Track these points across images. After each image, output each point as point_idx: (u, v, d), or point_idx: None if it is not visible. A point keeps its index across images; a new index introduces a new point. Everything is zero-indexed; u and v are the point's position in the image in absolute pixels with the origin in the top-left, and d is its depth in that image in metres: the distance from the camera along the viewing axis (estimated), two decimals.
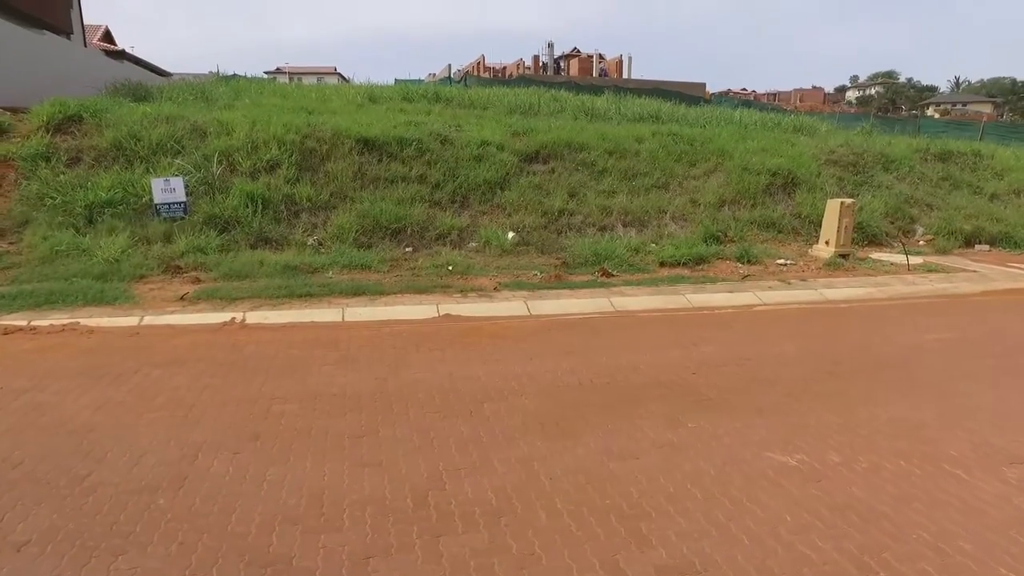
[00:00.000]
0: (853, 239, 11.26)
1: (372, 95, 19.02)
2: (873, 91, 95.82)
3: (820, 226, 11.71)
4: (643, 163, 13.51)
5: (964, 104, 77.19)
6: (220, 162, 10.14)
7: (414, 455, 3.76)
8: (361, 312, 6.84)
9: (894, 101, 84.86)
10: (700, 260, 10.37)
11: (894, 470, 3.75)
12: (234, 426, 4.07)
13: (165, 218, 9.24)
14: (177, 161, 9.93)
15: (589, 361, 5.59)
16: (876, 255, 11.48)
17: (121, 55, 26.85)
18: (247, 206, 9.64)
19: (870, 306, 8.24)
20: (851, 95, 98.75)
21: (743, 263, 10.48)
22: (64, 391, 4.59)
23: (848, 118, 30.32)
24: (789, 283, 9.21)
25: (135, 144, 10.27)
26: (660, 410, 4.53)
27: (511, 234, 10.65)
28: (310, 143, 11.42)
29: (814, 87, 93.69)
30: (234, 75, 23.64)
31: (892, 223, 13.38)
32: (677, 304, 7.97)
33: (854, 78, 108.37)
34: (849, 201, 10.98)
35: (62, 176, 9.58)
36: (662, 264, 10.11)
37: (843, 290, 8.92)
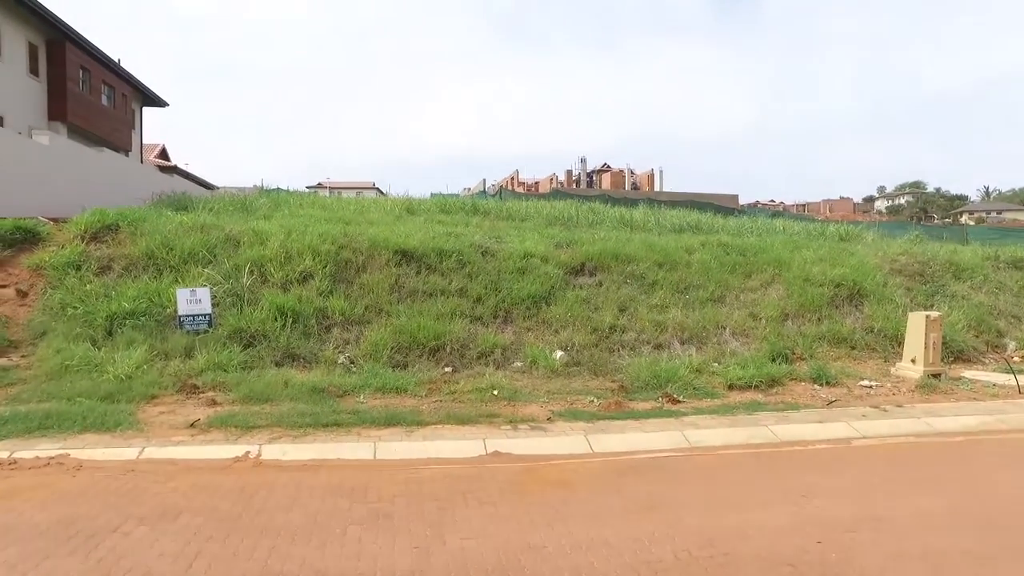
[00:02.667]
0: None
1: (410, 207, 19.00)
2: (903, 200, 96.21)
3: (896, 341, 10.59)
4: (695, 275, 12.69)
5: (999, 212, 76.62)
6: (251, 272, 9.61)
7: None
8: (396, 448, 5.81)
9: (925, 210, 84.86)
10: (772, 382, 9.22)
11: None
12: None
13: (188, 331, 8.57)
14: (206, 271, 9.43)
15: (679, 522, 4.41)
16: (969, 374, 10.17)
17: (173, 170, 28.03)
18: (276, 319, 8.95)
19: (995, 441, 6.92)
20: (880, 204, 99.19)
21: (821, 385, 9.30)
22: (7, 566, 3.57)
23: (890, 226, 29.63)
24: (884, 410, 7.96)
25: (167, 253, 9.86)
26: None
27: (559, 353, 9.70)
28: (346, 254, 10.93)
29: (841, 197, 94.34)
30: (276, 189, 24.22)
31: (977, 336, 12.10)
32: (762, 438, 6.77)
33: (881, 188, 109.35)
34: (935, 314, 9.87)
35: (88, 285, 9.11)
36: (731, 387, 8.98)
37: (951, 419, 7.62)
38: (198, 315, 8.54)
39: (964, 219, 71.83)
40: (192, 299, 8.50)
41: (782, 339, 10.87)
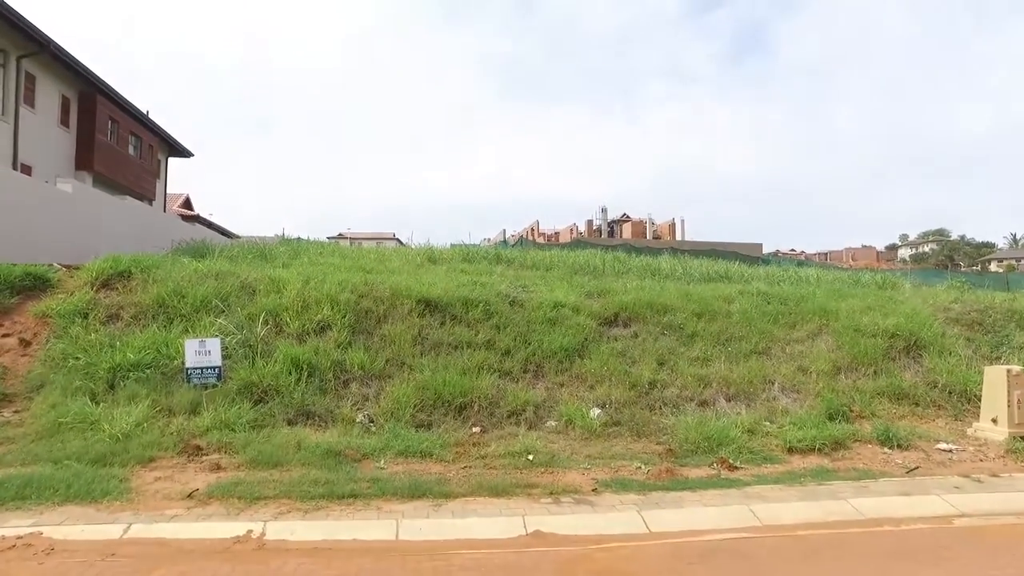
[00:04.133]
0: None
1: (431, 256, 18.55)
2: (927, 248, 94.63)
3: (965, 397, 9.70)
4: (736, 326, 11.85)
5: None
6: (266, 322, 8.99)
7: None
8: (422, 527, 4.99)
9: (952, 258, 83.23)
10: (836, 444, 8.26)
11: None
12: None
13: (196, 384, 7.90)
14: (219, 320, 8.83)
15: None
16: None
17: (195, 219, 28.10)
18: (290, 373, 8.26)
19: None
20: (903, 253, 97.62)
21: (891, 447, 8.31)
22: None
23: (924, 274, 28.57)
24: (979, 480, 6.95)
25: (178, 301, 9.31)
26: None
27: (596, 411, 8.85)
28: (366, 303, 10.30)
29: (863, 246, 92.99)
30: (297, 238, 24.00)
31: None
32: (842, 514, 5.84)
33: (903, 236, 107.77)
34: (1018, 368, 8.90)
35: (93, 334, 8.54)
36: (790, 450, 8.04)
37: None
38: (207, 368, 7.88)
39: (993, 266, 70.17)
40: (201, 351, 7.86)
41: (837, 395, 9.92)
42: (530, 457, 6.99)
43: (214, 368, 7.90)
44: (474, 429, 7.97)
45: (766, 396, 9.93)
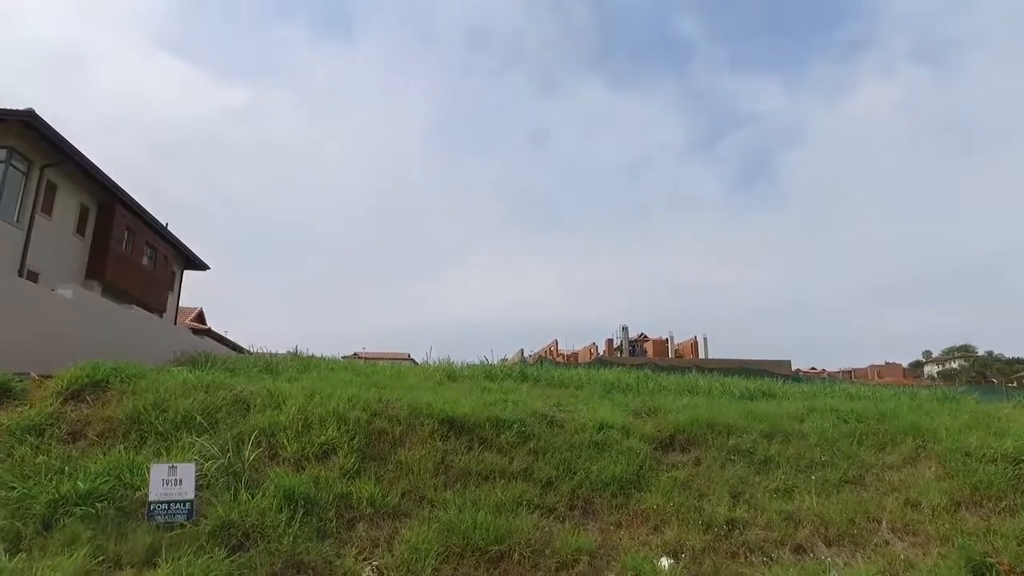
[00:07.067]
0: None
1: (451, 373, 17.09)
2: (955, 364, 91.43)
3: None
4: (816, 449, 10.02)
5: None
6: (257, 443, 7.39)
7: None
8: None
9: (984, 374, 79.85)
10: None
11: None
12: None
13: (160, 522, 6.18)
14: (200, 440, 7.24)
15: None
16: None
17: (207, 333, 27.08)
18: (281, 509, 6.53)
19: None
20: (929, 369, 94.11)
21: None
22: None
23: (977, 390, 26.40)
24: None
25: (156, 416, 7.79)
26: None
27: (667, 561, 6.94)
28: (380, 423, 8.73)
29: (887, 363, 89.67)
30: (310, 355, 22.72)
31: None
32: None
33: (927, 353, 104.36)
34: None
35: (44, 457, 6.94)
36: None
37: None
38: (175, 502, 6.19)
39: None
40: (170, 479, 6.22)
41: (967, 538, 7.88)
42: None
43: (184, 503, 6.21)
44: None
45: (876, 540, 7.92)
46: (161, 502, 6.19)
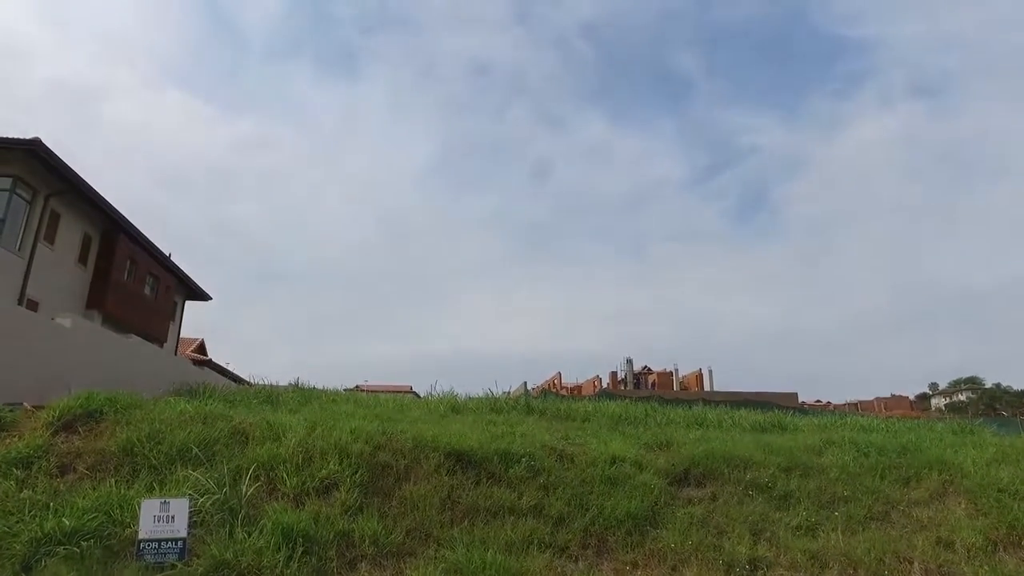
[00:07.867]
0: None
1: (455, 406, 16.66)
2: (963, 397, 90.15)
3: None
4: (836, 483, 9.60)
5: None
6: (256, 478, 7.04)
7: None
8: None
9: (994, 406, 78.59)
10: None
11: None
12: None
13: (150, 563, 5.82)
14: (195, 474, 6.89)
15: None
16: None
17: (207, 364, 26.71)
18: (279, 548, 6.17)
19: None
20: (936, 402, 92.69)
21: None
22: None
23: (1001, 424, 25.78)
24: None
25: (150, 449, 7.47)
26: None
27: None
28: (383, 456, 8.39)
29: (893, 395, 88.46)
30: (312, 387, 22.36)
31: None
32: None
33: (933, 385, 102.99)
34: None
35: (29, 491, 6.61)
36: None
37: None
38: (166, 540, 5.83)
39: None
40: (162, 515, 5.88)
41: None
42: None
43: (176, 541, 5.85)
44: None
45: None
46: (151, 540, 5.83)
